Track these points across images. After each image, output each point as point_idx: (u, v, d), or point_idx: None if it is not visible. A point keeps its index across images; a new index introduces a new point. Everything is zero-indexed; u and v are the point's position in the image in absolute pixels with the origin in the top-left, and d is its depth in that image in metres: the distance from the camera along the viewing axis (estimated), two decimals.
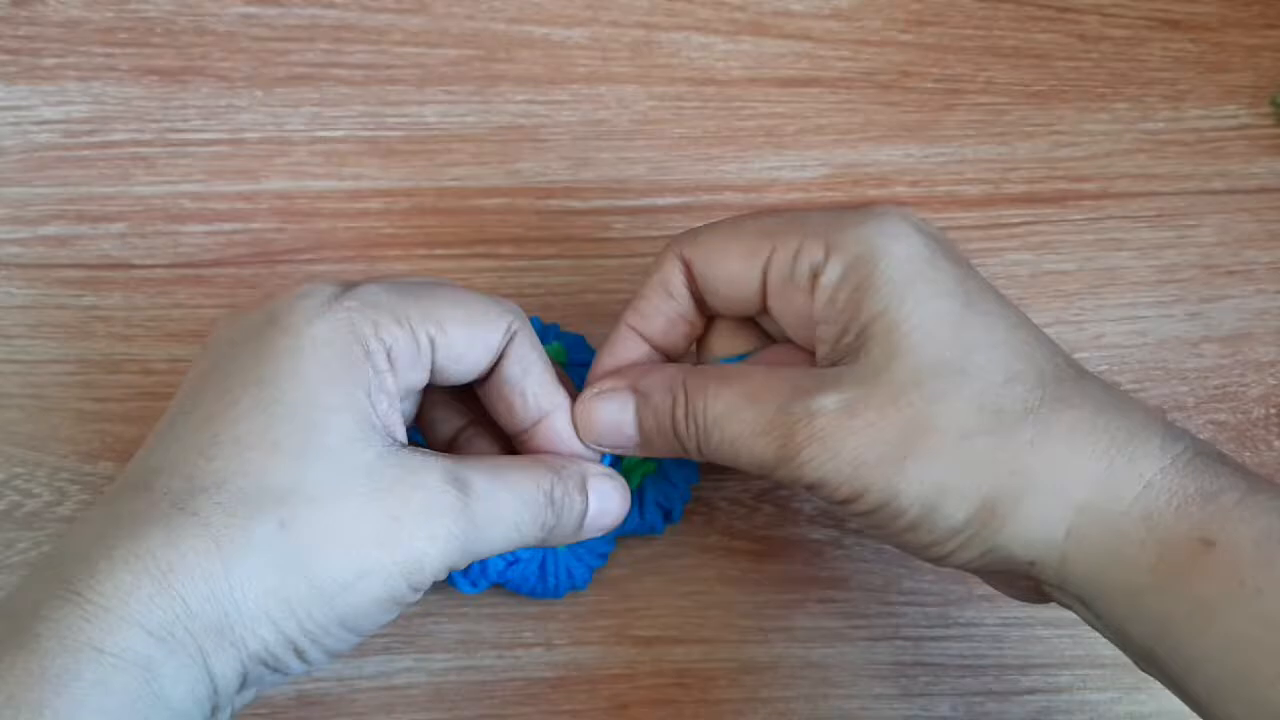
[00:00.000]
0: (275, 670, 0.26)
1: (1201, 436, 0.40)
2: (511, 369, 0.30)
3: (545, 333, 0.37)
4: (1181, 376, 0.41)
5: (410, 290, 0.29)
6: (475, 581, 0.35)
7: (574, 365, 0.36)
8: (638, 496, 0.35)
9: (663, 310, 0.32)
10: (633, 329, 0.33)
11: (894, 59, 0.43)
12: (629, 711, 0.37)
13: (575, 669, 0.37)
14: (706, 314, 0.33)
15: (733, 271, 0.30)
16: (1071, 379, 0.28)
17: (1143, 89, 0.44)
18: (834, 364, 0.29)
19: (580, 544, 0.35)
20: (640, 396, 0.31)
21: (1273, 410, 0.41)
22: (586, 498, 0.31)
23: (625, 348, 0.33)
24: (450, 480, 0.27)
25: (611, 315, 0.40)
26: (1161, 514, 0.26)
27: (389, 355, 0.28)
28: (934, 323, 0.28)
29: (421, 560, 0.27)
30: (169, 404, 0.28)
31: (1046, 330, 0.40)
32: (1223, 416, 0.41)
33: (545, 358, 0.31)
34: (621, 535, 0.36)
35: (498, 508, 0.28)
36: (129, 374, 0.38)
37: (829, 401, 0.28)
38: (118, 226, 0.40)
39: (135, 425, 0.38)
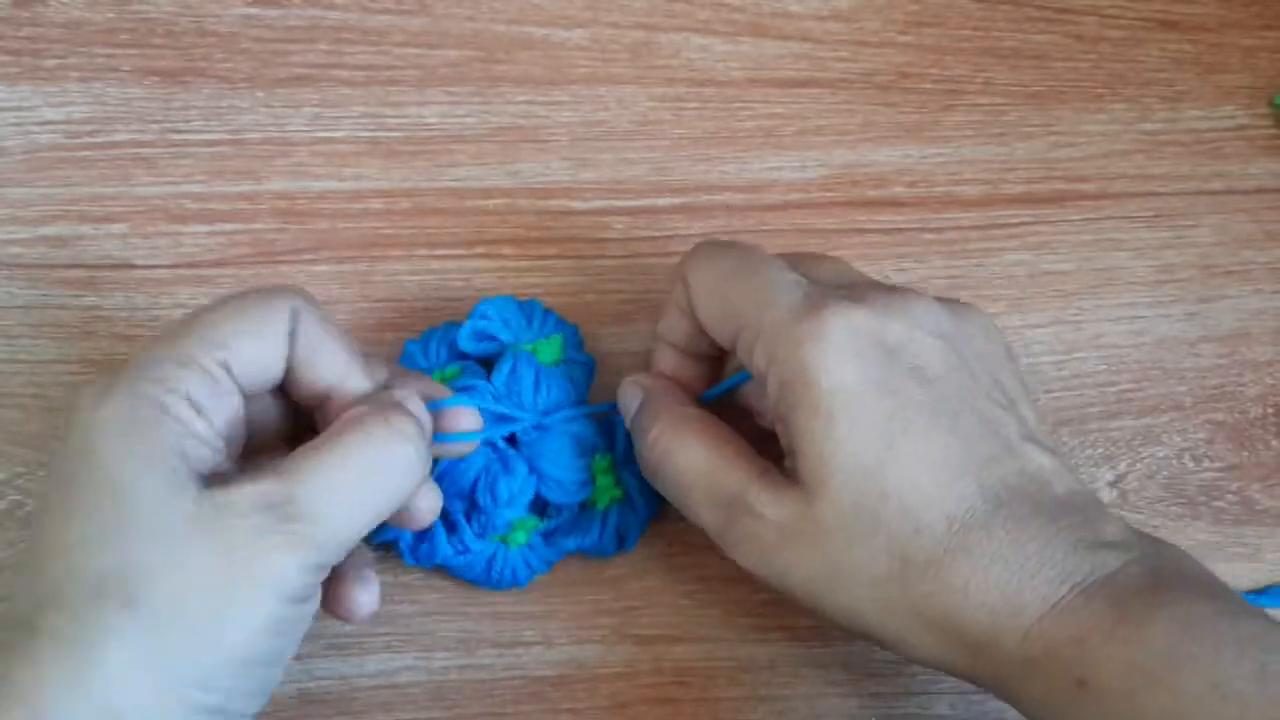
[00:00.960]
0: None
1: (1199, 436, 0.41)
2: (300, 351, 0.29)
3: (545, 318, 0.37)
4: (1179, 376, 0.41)
5: (182, 327, 0.28)
6: (420, 559, 0.35)
7: (570, 360, 0.37)
8: (601, 519, 0.36)
9: (682, 325, 0.34)
10: (661, 337, 0.35)
11: (893, 60, 0.44)
12: (629, 710, 0.37)
13: (575, 667, 0.37)
14: None
15: (713, 326, 0.32)
16: (980, 524, 0.29)
17: (1140, 90, 0.44)
18: (788, 455, 0.31)
19: (530, 549, 0.36)
20: (645, 402, 0.34)
21: (1270, 410, 0.41)
22: (411, 414, 0.29)
23: (661, 356, 0.35)
24: (263, 500, 0.26)
25: (611, 315, 0.40)
26: (1038, 661, 0.28)
27: (190, 400, 0.27)
28: (854, 467, 0.29)
29: (275, 574, 0.26)
30: None
31: (1044, 330, 0.41)
32: (1220, 416, 0.41)
33: (336, 332, 0.30)
34: (572, 552, 0.36)
35: (324, 492, 0.27)
36: None
37: (770, 514, 0.30)
38: (119, 227, 0.40)
39: None
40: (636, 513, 0.36)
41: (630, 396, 0.34)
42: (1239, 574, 0.39)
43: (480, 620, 0.37)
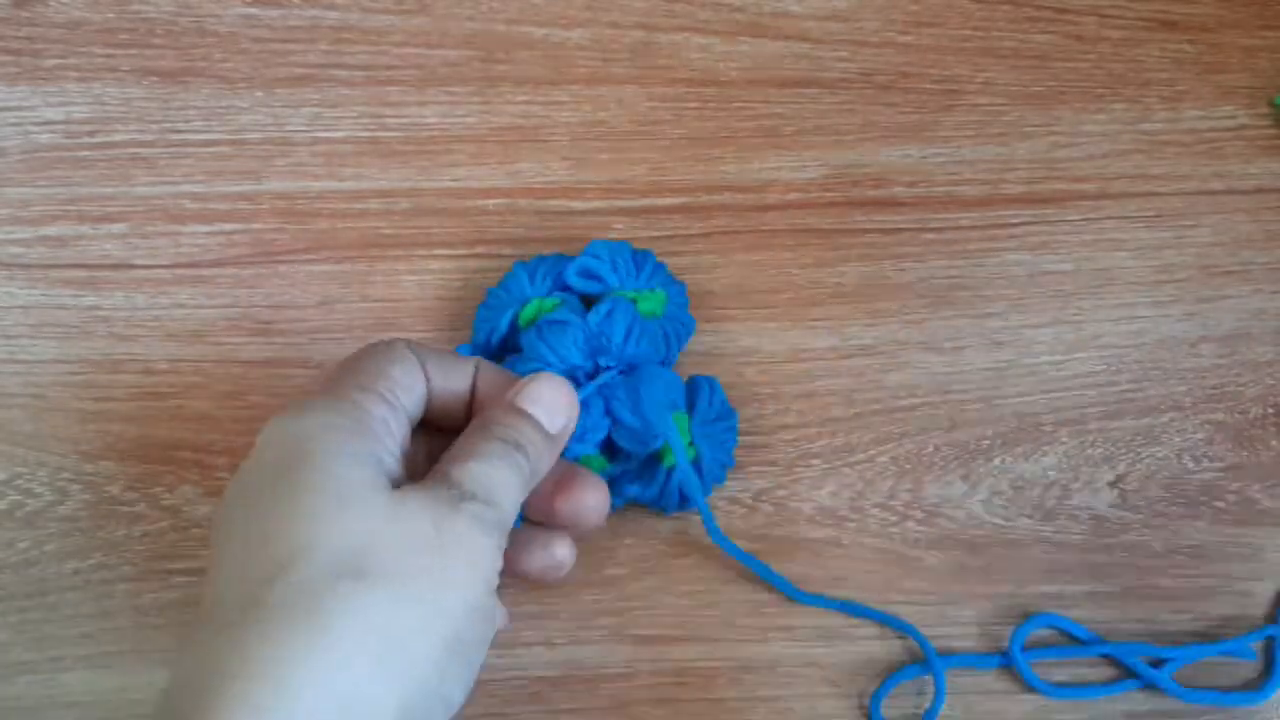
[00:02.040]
0: None
1: (1199, 437, 0.41)
2: (436, 378, 0.32)
3: (656, 270, 0.38)
4: (1179, 376, 0.41)
5: (339, 370, 0.31)
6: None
7: (670, 317, 0.38)
8: (666, 474, 0.36)
9: None
10: None
11: (893, 60, 0.44)
12: (629, 710, 0.37)
13: (575, 667, 0.37)
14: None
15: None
16: None
17: (1140, 90, 0.44)
18: None
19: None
20: None
21: (1270, 410, 0.41)
22: (524, 410, 0.32)
23: None
24: (445, 492, 0.29)
25: None
26: None
27: (386, 422, 0.30)
28: None
29: (479, 551, 0.28)
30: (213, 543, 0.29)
31: (1044, 330, 0.41)
32: (1220, 416, 0.41)
33: (448, 353, 0.33)
34: (632, 500, 0.37)
35: (486, 481, 0.29)
36: (130, 374, 0.39)
37: None
38: (119, 227, 0.40)
39: (136, 425, 0.38)
40: (704, 475, 0.37)
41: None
42: (1239, 574, 0.39)
43: None
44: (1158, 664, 0.38)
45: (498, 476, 0.30)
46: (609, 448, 0.36)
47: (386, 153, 0.41)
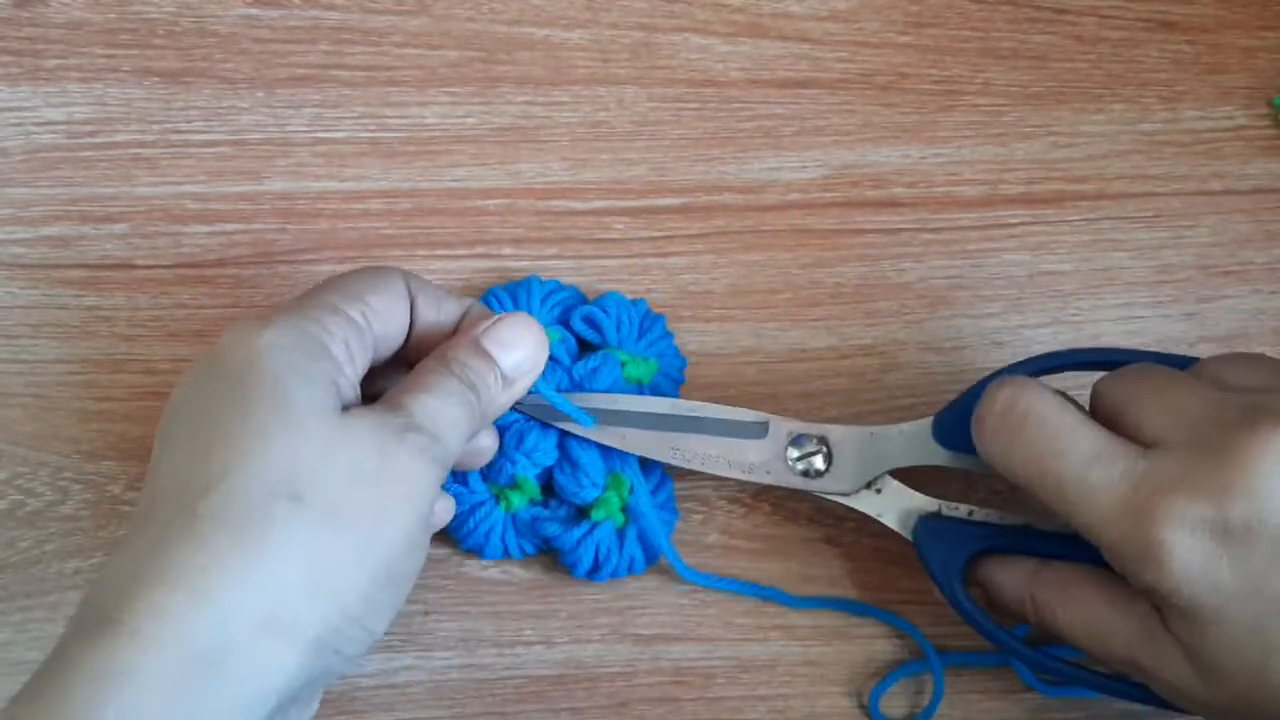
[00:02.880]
0: (337, 652, 0.27)
1: None
2: (425, 313, 0.33)
3: (662, 339, 0.39)
4: None
5: (321, 286, 0.32)
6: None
7: (656, 386, 0.38)
8: (589, 529, 0.36)
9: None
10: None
11: (892, 60, 0.44)
12: (629, 709, 0.37)
13: (575, 666, 0.37)
14: None
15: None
16: None
17: (1139, 90, 0.44)
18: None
19: (515, 519, 0.36)
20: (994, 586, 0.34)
21: None
22: (486, 351, 0.32)
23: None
24: (392, 420, 0.29)
25: None
26: None
27: (346, 345, 0.30)
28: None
29: (418, 482, 0.29)
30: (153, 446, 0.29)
31: (1043, 330, 0.41)
32: None
33: (443, 290, 0.34)
34: (546, 545, 0.37)
35: (435, 415, 0.30)
36: (131, 374, 0.39)
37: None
38: (120, 227, 0.40)
39: (138, 425, 0.38)
40: (623, 549, 0.36)
41: (1012, 579, 0.34)
42: None
43: (480, 620, 0.37)
44: None
45: (448, 413, 0.30)
46: (548, 487, 0.37)
47: (387, 153, 0.41)
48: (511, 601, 0.37)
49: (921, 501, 0.36)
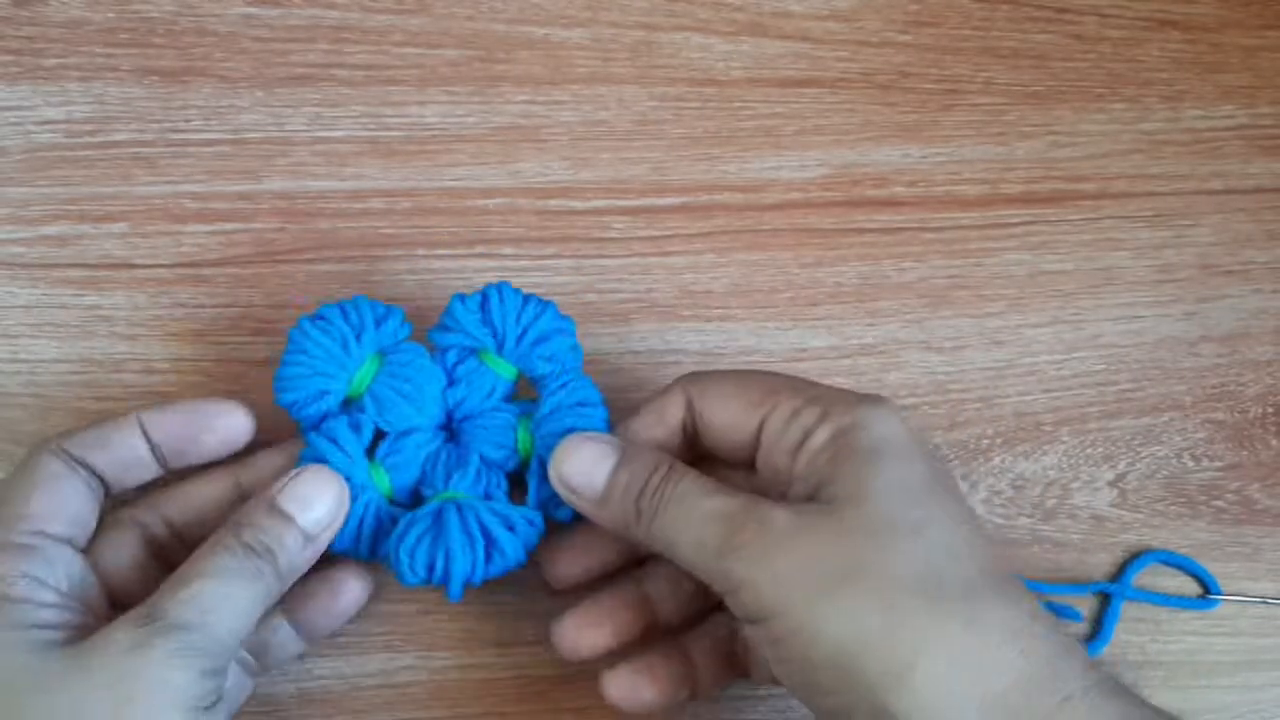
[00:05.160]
0: None
1: (1199, 436, 0.41)
2: (111, 476, 0.32)
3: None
4: (1179, 376, 0.41)
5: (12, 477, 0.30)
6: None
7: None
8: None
9: (652, 433, 0.34)
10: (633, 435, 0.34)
11: (893, 60, 0.44)
12: None
13: (577, 666, 0.37)
14: (696, 453, 0.34)
15: (733, 418, 0.32)
16: (1013, 582, 0.29)
17: (1140, 89, 0.44)
18: (819, 494, 0.30)
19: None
20: (625, 455, 0.32)
21: (1270, 409, 0.41)
22: (283, 512, 0.30)
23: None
24: (131, 625, 0.27)
25: (611, 315, 0.40)
26: None
27: (27, 576, 0.28)
28: (898, 492, 0.29)
29: (167, 689, 0.27)
30: None
31: (1044, 330, 0.41)
32: (1220, 415, 0.41)
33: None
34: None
35: (204, 603, 0.28)
36: (131, 373, 0.39)
37: (781, 516, 0.29)
38: (119, 226, 0.40)
39: None
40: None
41: (601, 455, 0.32)
42: (1238, 574, 0.39)
43: (480, 620, 0.37)
44: None
45: (219, 592, 0.28)
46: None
47: (387, 152, 0.41)
48: (512, 601, 0.37)
49: None
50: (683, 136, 0.42)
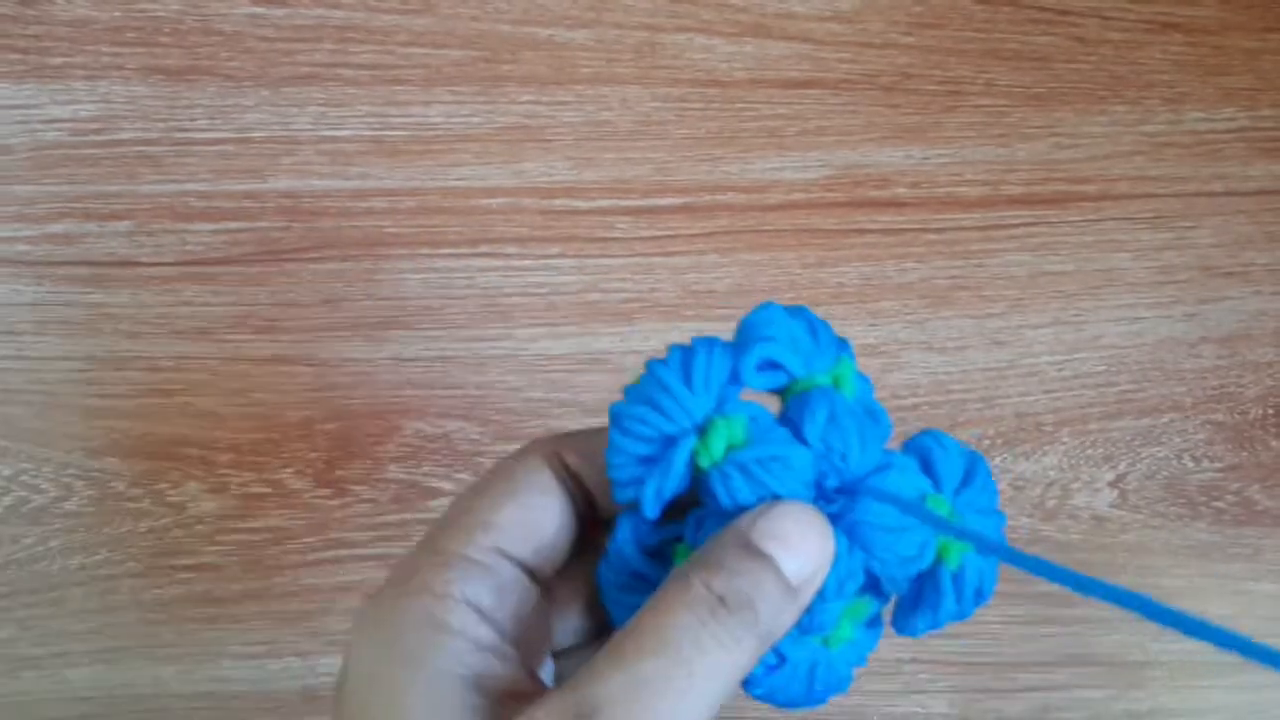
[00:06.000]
0: None
1: (1199, 437, 0.41)
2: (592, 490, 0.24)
3: (826, 333, 0.25)
4: (1179, 377, 0.41)
5: (441, 520, 0.23)
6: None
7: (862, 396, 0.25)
8: (953, 578, 0.26)
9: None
10: None
11: (895, 61, 0.44)
12: None
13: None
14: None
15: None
16: None
17: (1142, 92, 0.44)
18: None
19: (854, 644, 0.26)
20: None
21: (1270, 410, 0.41)
22: (761, 551, 0.22)
23: None
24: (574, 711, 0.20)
25: (614, 315, 0.40)
26: None
27: (468, 603, 0.22)
28: None
29: None
30: None
31: (1045, 331, 0.41)
32: (1220, 417, 0.41)
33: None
34: (922, 633, 0.26)
35: (652, 696, 0.20)
36: (136, 371, 0.39)
37: None
38: (124, 224, 0.40)
39: (141, 422, 0.38)
40: (989, 553, 0.26)
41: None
42: (1239, 574, 0.40)
43: None
44: None
45: (678, 676, 0.20)
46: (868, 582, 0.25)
47: (391, 152, 0.41)
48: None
49: None
50: (686, 137, 0.42)
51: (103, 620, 0.37)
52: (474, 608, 0.22)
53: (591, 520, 0.25)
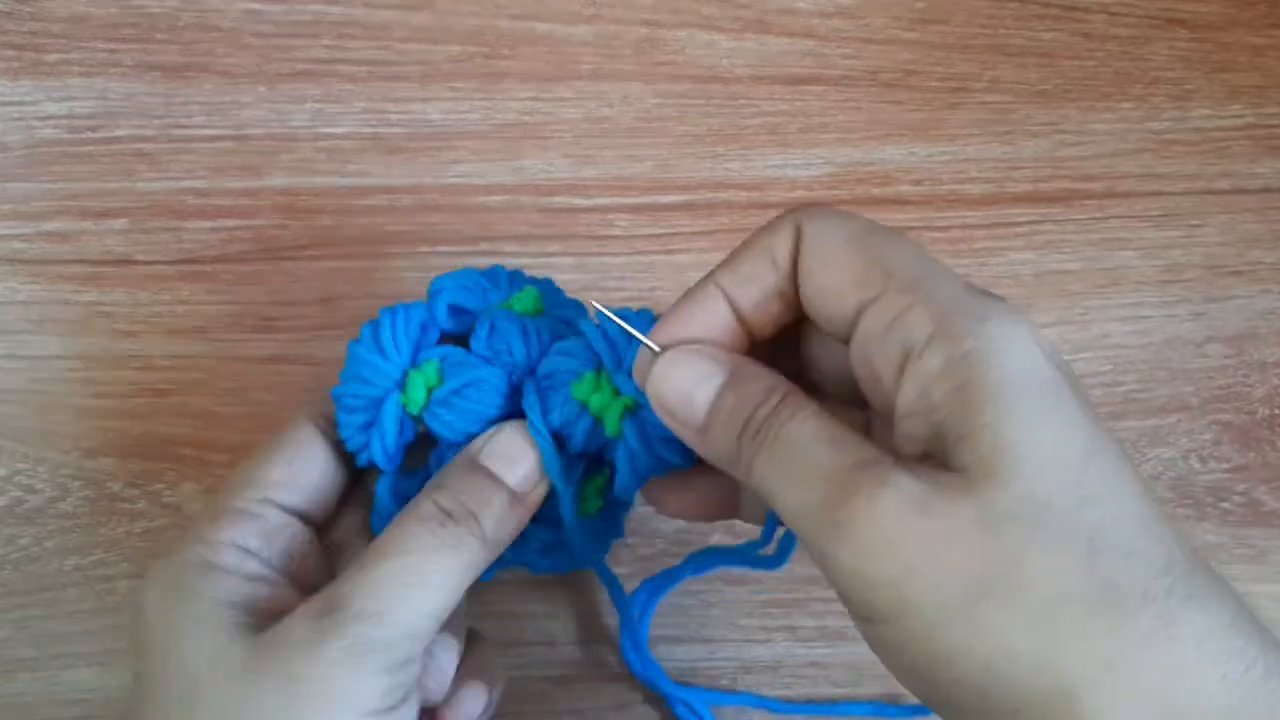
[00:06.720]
0: None
1: (1206, 437, 0.40)
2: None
3: (513, 279, 0.32)
4: (1186, 377, 0.41)
5: (227, 481, 0.28)
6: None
7: (551, 311, 0.31)
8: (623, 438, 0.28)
9: (761, 279, 0.26)
10: (722, 291, 0.27)
11: (898, 57, 0.43)
12: (631, 710, 0.37)
13: (578, 668, 0.37)
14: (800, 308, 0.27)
15: (833, 284, 0.25)
16: (1204, 573, 0.22)
17: (1148, 88, 0.44)
18: (944, 442, 0.23)
19: (603, 520, 0.30)
20: (734, 379, 0.25)
21: (1277, 410, 0.41)
22: (486, 469, 0.27)
23: (708, 310, 0.27)
24: (314, 613, 0.25)
25: None
26: None
27: (237, 546, 0.27)
28: (1052, 457, 0.22)
29: (344, 693, 0.24)
30: None
31: (1050, 330, 0.41)
32: (1227, 417, 0.41)
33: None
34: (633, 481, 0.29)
35: (388, 588, 0.25)
36: (131, 369, 0.38)
37: (907, 484, 0.22)
38: (121, 222, 0.40)
39: (137, 421, 0.38)
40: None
41: (706, 376, 0.25)
42: (1244, 575, 0.39)
43: (482, 620, 0.37)
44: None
45: (409, 571, 0.25)
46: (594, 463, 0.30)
47: (389, 149, 0.41)
48: (513, 602, 0.37)
49: None
50: (687, 134, 0.42)
51: (99, 621, 0.36)
52: (241, 549, 0.27)
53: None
